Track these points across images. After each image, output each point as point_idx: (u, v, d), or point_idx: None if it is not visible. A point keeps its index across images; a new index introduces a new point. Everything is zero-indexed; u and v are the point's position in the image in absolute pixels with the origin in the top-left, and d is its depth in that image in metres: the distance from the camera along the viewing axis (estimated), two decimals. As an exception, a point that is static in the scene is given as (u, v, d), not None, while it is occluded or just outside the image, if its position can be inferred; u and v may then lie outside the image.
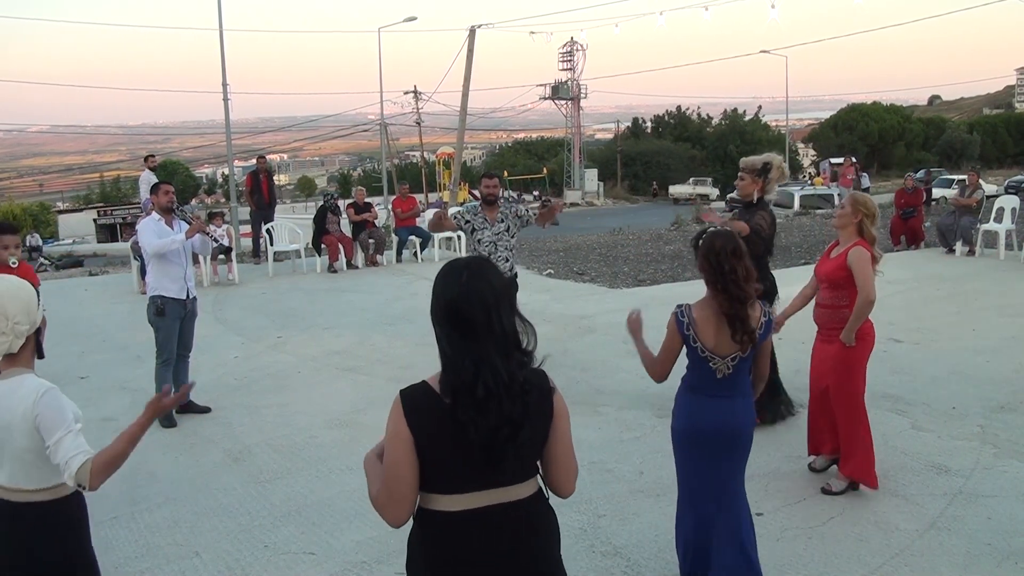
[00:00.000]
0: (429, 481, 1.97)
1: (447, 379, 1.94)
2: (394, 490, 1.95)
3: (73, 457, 2.37)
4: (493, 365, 1.91)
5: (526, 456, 2.02)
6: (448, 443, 1.93)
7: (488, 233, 6.29)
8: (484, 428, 1.90)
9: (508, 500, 2.00)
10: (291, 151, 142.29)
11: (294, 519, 4.34)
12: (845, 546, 3.85)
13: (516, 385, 1.94)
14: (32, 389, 2.43)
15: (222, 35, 19.81)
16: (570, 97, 53.03)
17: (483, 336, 1.93)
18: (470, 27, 33.53)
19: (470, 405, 1.90)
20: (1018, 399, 5.79)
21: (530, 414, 1.97)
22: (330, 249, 12.78)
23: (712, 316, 3.07)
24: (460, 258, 2.08)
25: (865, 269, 4.26)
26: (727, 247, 3.07)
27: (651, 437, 5.35)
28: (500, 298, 1.97)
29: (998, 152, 65.31)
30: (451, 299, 1.96)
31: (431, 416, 1.94)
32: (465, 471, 1.96)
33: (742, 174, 5.36)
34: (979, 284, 10.16)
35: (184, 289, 5.89)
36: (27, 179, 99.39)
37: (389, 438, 1.96)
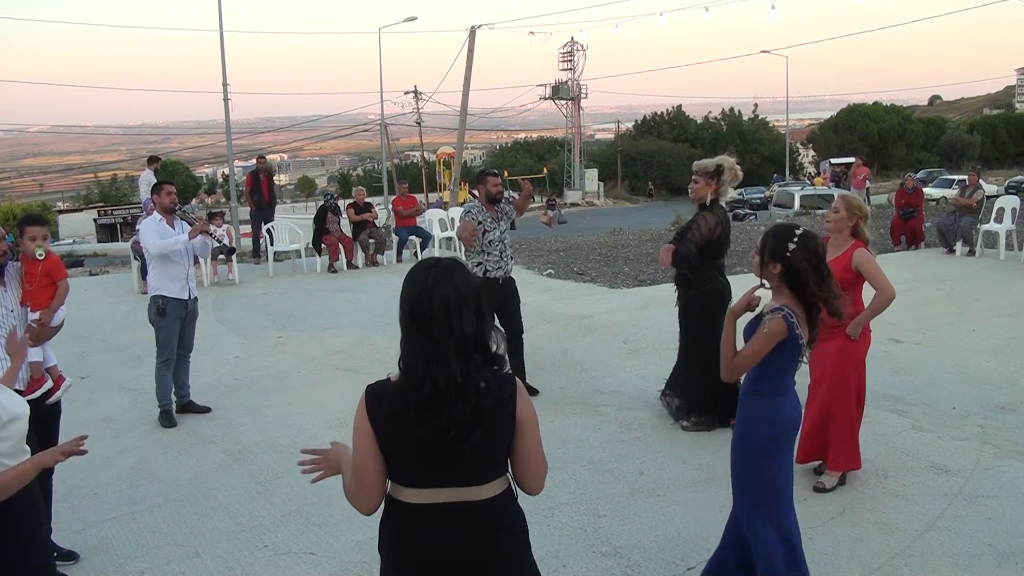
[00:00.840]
0: (394, 473, 2.05)
1: (401, 378, 2.00)
2: (360, 478, 2.03)
3: None
4: (447, 365, 1.94)
5: (485, 459, 2.03)
6: (404, 439, 1.99)
7: (497, 232, 6.33)
8: (433, 427, 1.94)
9: (470, 499, 2.03)
10: (291, 151, 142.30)
11: (294, 519, 4.34)
12: (845, 546, 3.85)
13: (470, 387, 1.96)
14: None
15: (222, 35, 19.82)
16: (570, 97, 53.03)
17: (440, 337, 1.95)
18: (470, 27, 33.52)
19: (419, 404, 1.94)
20: (1018, 399, 5.79)
21: (485, 418, 1.98)
22: (330, 249, 12.78)
23: (801, 310, 3.00)
24: (431, 258, 2.12)
25: (876, 268, 4.33)
26: (823, 248, 3.06)
27: (651, 437, 5.35)
28: (464, 301, 1.99)
29: (998, 152, 65.27)
30: (413, 298, 2.00)
31: (390, 413, 2.00)
32: (421, 467, 2.01)
33: (696, 176, 5.43)
34: (979, 284, 10.16)
35: (186, 289, 5.88)
36: (27, 179, 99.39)
37: (354, 430, 2.04)
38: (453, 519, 2.02)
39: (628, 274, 12.12)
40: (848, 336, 4.37)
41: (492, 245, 6.28)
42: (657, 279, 11.52)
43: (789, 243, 2.97)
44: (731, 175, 5.37)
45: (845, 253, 4.36)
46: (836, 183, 36.78)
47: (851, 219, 4.40)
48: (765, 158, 60.13)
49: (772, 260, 3.01)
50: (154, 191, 5.99)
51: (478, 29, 33.51)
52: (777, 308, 2.99)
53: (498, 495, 2.07)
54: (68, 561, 3.93)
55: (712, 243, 5.31)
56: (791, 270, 2.97)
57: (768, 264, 3.03)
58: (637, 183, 57.45)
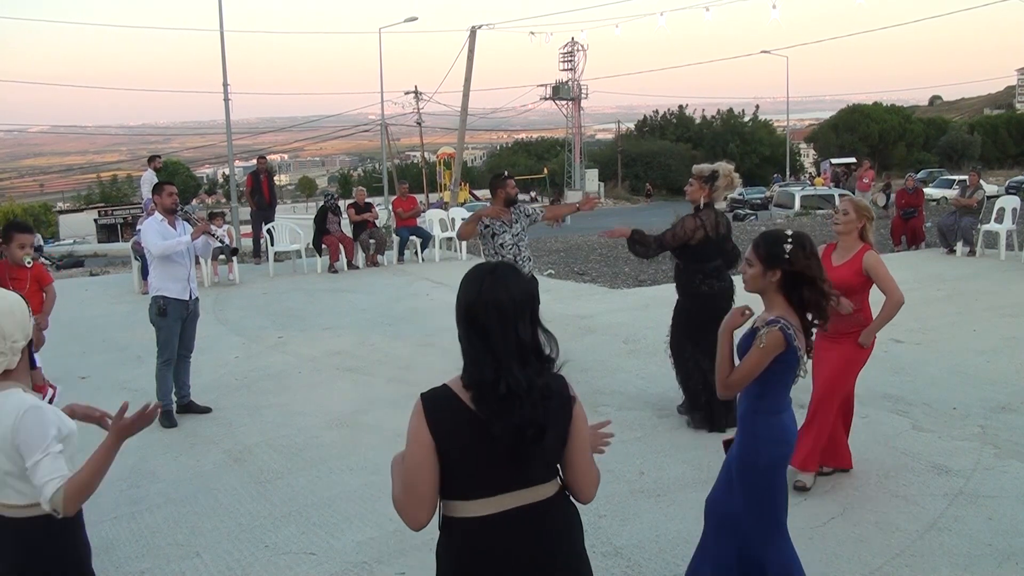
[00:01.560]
0: (453, 487, 1.98)
1: (469, 376, 1.96)
2: (414, 493, 1.96)
3: (48, 482, 2.29)
4: (511, 370, 1.94)
5: (550, 458, 2.04)
6: (472, 445, 1.95)
7: (509, 236, 6.35)
8: (508, 427, 1.92)
9: (534, 500, 2.02)
10: (292, 151, 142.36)
11: (295, 519, 4.34)
12: (846, 547, 3.85)
13: (535, 391, 1.95)
14: (14, 407, 2.34)
15: (223, 35, 19.81)
16: (571, 97, 53.05)
17: (499, 343, 1.95)
18: (471, 27, 33.56)
19: (492, 401, 1.92)
20: (1019, 399, 5.79)
21: (552, 418, 1.99)
22: (331, 249, 12.78)
23: (799, 322, 2.92)
24: (487, 262, 2.10)
25: (886, 272, 4.32)
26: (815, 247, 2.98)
27: (651, 437, 5.35)
28: (519, 308, 1.98)
29: (999, 152, 65.25)
30: (470, 302, 1.99)
31: (454, 419, 1.95)
32: (490, 472, 1.97)
33: (692, 179, 5.53)
34: (980, 284, 10.16)
35: (187, 290, 5.88)
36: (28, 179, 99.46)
37: (410, 442, 1.97)
38: (518, 525, 2.00)
39: (628, 274, 12.13)
40: (856, 344, 4.36)
41: (504, 248, 6.32)
42: (657, 279, 11.52)
43: (784, 245, 2.87)
44: (725, 181, 5.43)
45: (855, 256, 4.34)
46: (836, 183, 36.78)
47: (860, 221, 4.39)
48: (765, 158, 60.17)
49: (771, 267, 2.89)
50: (155, 191, 5.97)
51: (478, 29, 33.54)
52: (773, 320, 2.88)
53: (557, 492, 2.08)
54: None
55: (693, 247, 5.35)
56: (791, 274, 2.87)
57: (767, 272, 2.90)
58: (638, 183, 57.48)
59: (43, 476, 2.29)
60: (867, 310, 4.43)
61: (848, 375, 4.48)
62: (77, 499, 2.32)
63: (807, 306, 2.92)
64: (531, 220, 6.56)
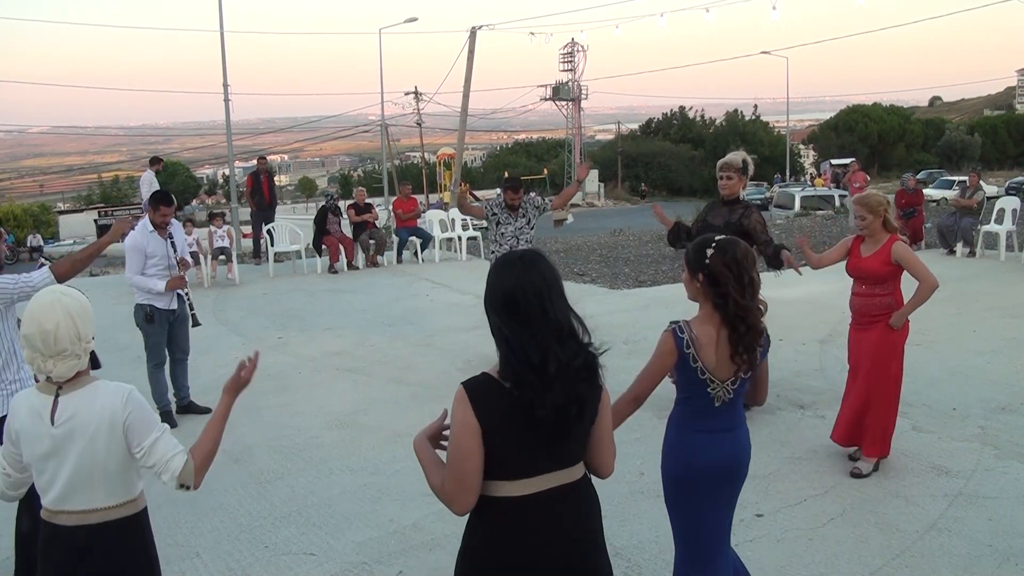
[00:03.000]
0: (494, 469, 2.02)
1: (511, 364, 2.00)
2: (463, 480, 2.00)
3: (173, 456, 2.30)
4: (553, 350, 1.99)
5: (584, 437, 2.12)
6: (515, 427, 1.99)
7: (511, 228, 6.71)
8: (551, 405, 1.97)
9: (567, 481, 2.09)
10: (292, 152, 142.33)
11: (295, 520, 4.34)
12: (846, 547, 3.85)
13: (573, 370, 2.03)
14: (114, 392, 2.31)
15: (223, 36, 19.81)
16: (571, 98, 53.02)
17: (538, 324, 2.01)
18: (471, 28, 33.53)
19: (536, 383, 1.97)
20: (1019, 400, 5.79)
21: (592, 399, 2.08)
22: (331, 250, 12.78)
23: (714, 334, 2.70)
24: (514, 251, 2.16)
25: (916, 259, 4.48)
26: (749, 255, 2.72)
27: (651, 438, 5.33)
28: (552, 288, 2.06)
29: (998, 153, 65.28)
30: (507, 289, 2.04)
31: (496, 403, 2.00)
32: (533, 453, 2.03)
33: (729, 173, 5.43)
34: (980, 285, 10.15)
35: (172, 301, 5.93)
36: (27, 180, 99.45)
37: (457, 429, 2.00)
38: (554, 504, 2.06)
39: (628, 275, 12.12)
40: (889, 326, 4.50)
41: (504, 237, 6.71)
42: (657, 280, 11.52)
43: (707, 250, 2.70)
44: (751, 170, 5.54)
45: (884, 247, 4.49)
46: (836, 184, 36.76)
47: (879, 216, 4.52)
48: (765, 159, 60.19)
49: (694, 272, 2.75)
50: (151, 203, 5.87)
51: (478, 30, 33.52)
52: (673, 321, 2.76)
53: (585, 474, 2.17)
54: None
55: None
56: (711, 279, 2.68)
57: (693, 277, 2.76)
58: (638, 184, 57.51)
59: (167, 451, 2.30)
60: (898, 295, 4.56)
61: (890, 357, 4.59)
62: (204, 468, 2.36)
63: (732, 318, 2.67)
64: (540, 211, 6.86)
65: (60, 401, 2.28)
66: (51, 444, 2.27)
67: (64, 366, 2.27)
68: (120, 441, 2.28)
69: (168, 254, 5.84)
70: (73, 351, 2.27)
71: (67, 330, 2.26)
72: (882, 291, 4.52)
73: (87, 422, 2.26)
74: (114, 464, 2.29)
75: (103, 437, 2.26)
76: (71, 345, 2.26)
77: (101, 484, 2.30)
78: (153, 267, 5.77)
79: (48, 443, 2.27)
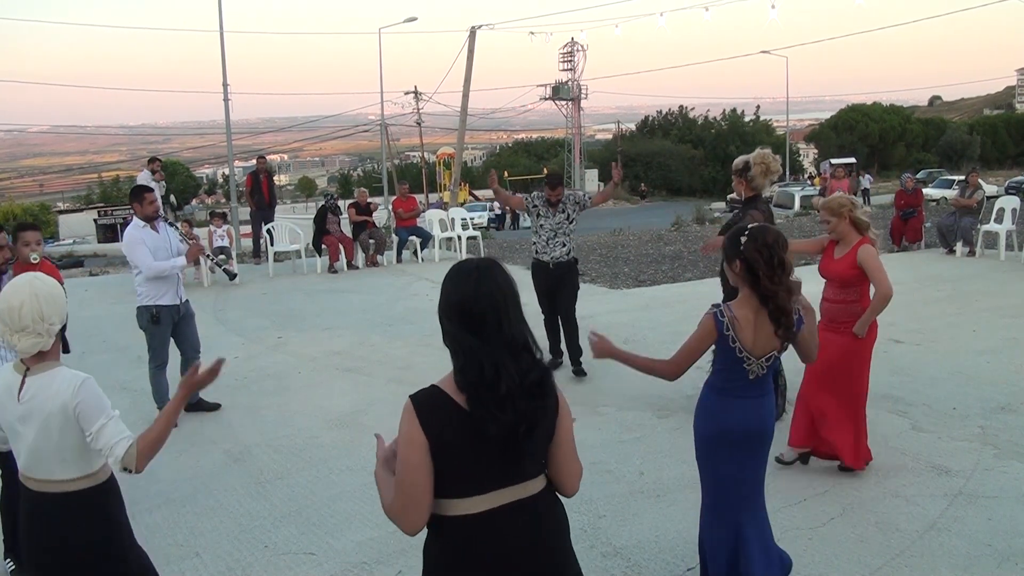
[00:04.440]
0: (445, 486, 1.96)
1: (465, 377, 1.94)
2: (411, 495, 1.94)
3: (118, 442, 2.46)
4: (503, 364, 1.93)
5: (539, 453, 2.04)
6: (465, 444, 1.93)
7: (550, 222, 6.76)
8: (503, 424, 1.92)
9: (524, 496, 2.02)
10: (291, 151, 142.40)
11: (294, 519, 4.34)
12: (846, 547, 3.85)
13: (527, 385, 1.96)
14: (68, 380, 2.49)
15: (223, 35, 19.81)
16: (570, 97, 53.05)
17: (493, 337, 1.95)
18: (470, 28, 33.52)
19: (489, 401, 1.91)
20: (1018, 400, 5.79)
21: (542, 413, 2.00)
22: (330, 249, 12.78)
23: (751, 315, 2.98)
24: (470, 259, 2.10)
25: (878, 265, 4.43)
26: (779, 239, 3.03)
27: (651, 438, 5.35)
28: (508, 300, 2.00)
29: (998, 153, 65.33)
30: (462, 299, 1.98)
31: (446, 418, 1.93)
32: (483, 470, 1.96)
33: (733, 175, 5.65)
34: (980, 285, 10.15)
35: (177, 296, 5.91)
36: (27, 179, 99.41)
37: (403, 444, 1.95)
38: (507, 521, 1.99)
39: (628, 275, 12.12)
40: (854, 334, 4.47)
41: (543, 231, 6.78)
42: (657, 280, 11.52)
43: (741, 238, 3.01)
44: (759, 169, 5.41)
45: (852, 250, 4.48)
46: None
47: (843, 218, 4.49)
48: (765, 159, 60.17)
49: (731, 259, 3.04)
50: (135, 199, 5.81)
51: (478, 29, 33.52)
52: (714, 304, 3.06)
53: (543, 488, 2.08)
54: None
55: None
56: (747, 264, 2.98)
57: (731, 265, 3.05)
58: (637, 184, 57.53)
59: (112, 436, 2.47)
60: (866, 303, 4.52)
61: (860, 367, 4.56)
62: (149, 454, 2.51)
63: (763, 300, 2.96)
64: (581, 206, 6.87)
65: (27, 380, 2.50)
66: (16, 418, 2.50)
67: (27, 342, 2.46)
68: (74, 426, 2.47)
69: (168, 240, 5.86)
70: (35, 329, 2.46)
71: (31, 309, 2.45)
72: (850, 296, 4.48)
73: (42, 406, 2.47)
74: (68, 445, 2.49)
75: (56, 421, 2.46)
76: (33, 323, 2.46)
77: (57, 460, 2.51)
78: (161, 260, 5.78)
79: (13, 417, 2.51)
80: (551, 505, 2.10)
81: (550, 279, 6.75)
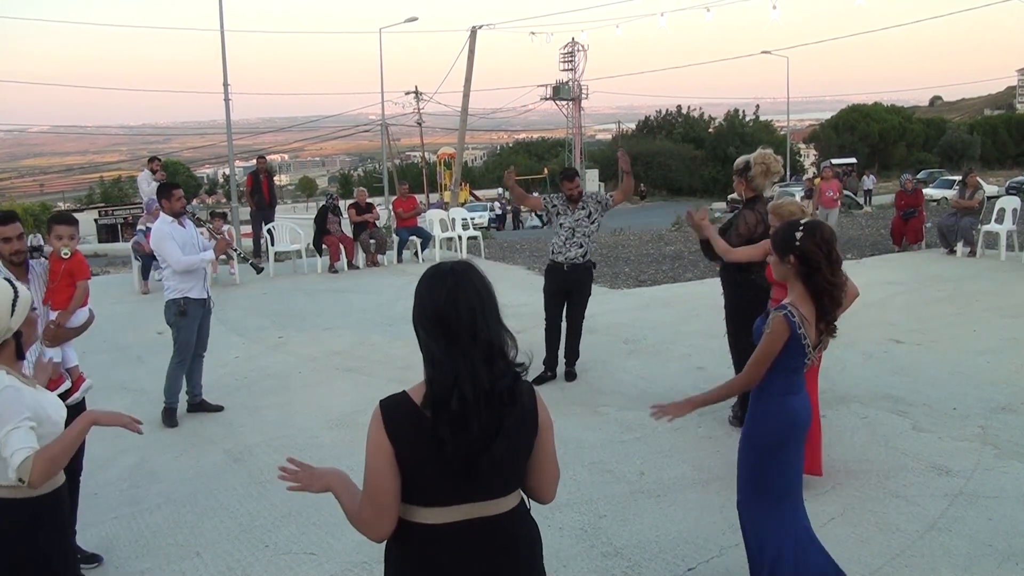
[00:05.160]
0: (409, 493, 1.93)
1: (429, 392, 1.91)
2: (376, 501, 1.91)
3: (16, 451, 2.39)
4: (475, 373, 1.87)
5: (507, 469, 1.97)
6: (426, 455, 1.89)
7: (568, 220, 6.56)
8: (462, 442, 1.86)
9: (488, 514, 1.96)
10: (292, 151, 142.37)
11: (295, 519, 4.35)
12: (846, 547, 3.85)
13: (496, 394, 1.90)
14: None
15: (223, 35, 19.79)
16: (571, 97, 53.02)
17: (467, 343, 1.89)
18: (471, 28, 33.52)
19: (447, 420, 1.86)
20: (1019, 400, 5.79)
21: (509, 426, 1.92)
22: (331, 249, 12.79)
23: (810, 310, 3.00)
24: (444, 263, 2.02)
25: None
26: (833, 234, 3.05)
27: (652, 438, 5.35)
28: (485, 304, 1.94)
29: (999, 153, 65.32)
30: (437, 305, 1.92)
31: (410, 428, 1.90)
32: (444, 484, 1.92)
33: (734, 175, 5.59)
34: (980, 285, 10.15)
35: (204, 289, 5.97)
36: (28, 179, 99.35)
37: (370, 449, 1.93)
38: (471, 537, 1.94)
39: (629, 275, 12.11)
40: None
41: (562, 228, 6.59)
42: (657, 279, 11.52)
43: (796, 232, 3.01)
44: (759, 169, 5.33)
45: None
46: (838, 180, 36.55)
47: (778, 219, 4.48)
48: (766, 159, 60.21)
49: (785, 254, 3.03)
50: (163, 195, 5.91)
51: (479, 29, 33.51)
52: (781, 306, 3.01)
53: (514, 508, 2.01)
54: (91, 564, 3.91)
55: (754, 241, 5.28)
56: (804, 259, 2.98)
57: (783, 260, 3.05)
58: (637, 184, 57.53)
59: (12, 446, 2.40)
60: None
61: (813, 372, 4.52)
62: (45, 469, 2.42)
63: (820, 293, 2.98)
64: (603, 206, 6.72)
65: None
66: None
67: None
68: None
69: (195, 237, 5.93)
70: None
71: None
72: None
73: None
74: None
75: None
76: None
77: None
78: (189, 254, 5.83)
79: None
80: (520, 525, 2.03)
81: (563, 281, 6.56)
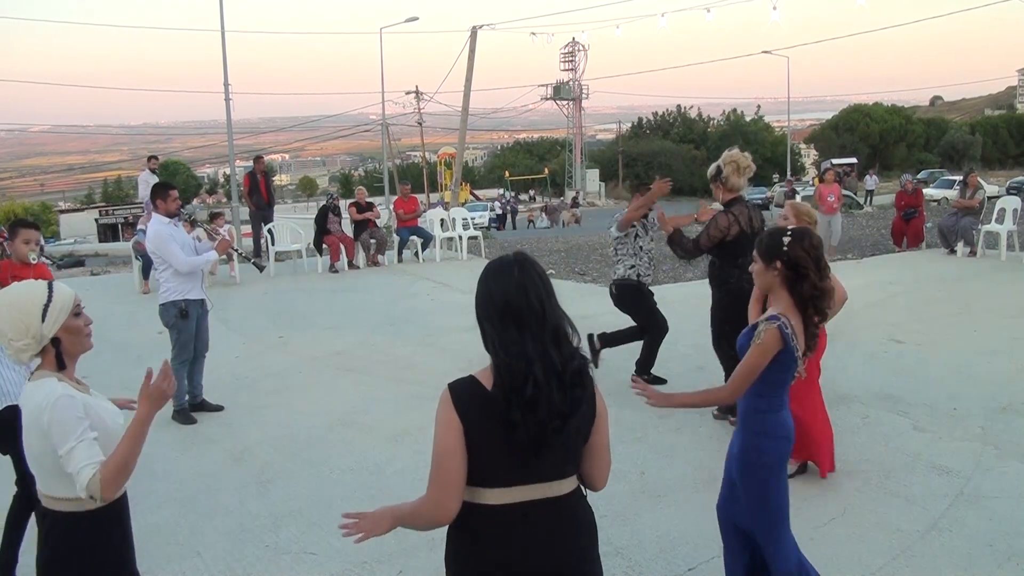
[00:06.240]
0: (476, 474, 1.98)
1: (500, 379, 1.96)
2: (445, 481, 1.97)
3: (83, 468, 2.24)
4: (548, 356, 1.96)
5: (570, 451, 2.05)
6: (494, 436, 1.96)
7: (647, 241, 6.62)
8: (533, 423, 1.93)
9: (551, 495, 2.03)
10: (293, 151, 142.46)
11: (295, 519, 4.34)
12: (846, 547, 3.85)
13: (567, 376, 1.98)
14: (45, 396, 2.32)
15: (224, 35, 19.80)
16: (571, 97, 53.10)
17: (537, 328, 1.98)
18: (472, 27, 33.48)
19: (520, 405, 1.93)
20: (1019, 400, 5.78)
21: (577, 408, 2.01)
22: (331, 249, 12.79)
23: (798, 320, 2.92)
24: (504, 256, 2.09)
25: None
26: (820, 242, 3.01)
27: (652, 438, 5.35)
28: (549, 291, 2.03)
29: (999, 153, 65.30)
30: (508, 296, 1.99)
31: (479, 408, 1.97)
32: (510, 463, 1.98)
33: (711, 185, 5.62)
34: (980, 285, 10.15)
35: (202, 290, 5.99)
36: (28, 179, 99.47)
37: (440, 429, 1.98)
38: (535, 517, 2.01)
39: (629, 274, 12.10)
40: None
41: (643, 251, 6.55)
42: (658, 280, 11.51)
43: (783, 238, 2.94)
44: (731, 168, 5.42)
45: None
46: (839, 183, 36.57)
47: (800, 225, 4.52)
48: (767, 159, 60.22)
49: (771, 260, 2.95)
50: (158, 195, 5.88)
51: (479, 29, 33.49)
52: (773, 317, 2.89)
53: (575, 489, 2.09)
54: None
55: (729, 243, 5.33)
56: (791, 265, 2.90)
57: (769, 266, 2.96)
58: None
59: (78, 463, 2.25)
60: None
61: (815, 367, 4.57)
62: (115, 482, 2.28)
63: (805, 302, 2.91)
64: (654, 227, 6.70)
65: (27, 387, 2.43)
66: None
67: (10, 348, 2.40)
68: (46, 441, 2.31)
69: (189, 238, 5.94)
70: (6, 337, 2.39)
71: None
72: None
73: (26, 415, 2.36)
74: (49, 460, 2.33)
75: (34, 433, 2.33)
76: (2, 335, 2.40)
77: (40, 473, 2.39)
78: (187, 255, 5.83)
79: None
80: (576, 509, 2.10)
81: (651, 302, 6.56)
